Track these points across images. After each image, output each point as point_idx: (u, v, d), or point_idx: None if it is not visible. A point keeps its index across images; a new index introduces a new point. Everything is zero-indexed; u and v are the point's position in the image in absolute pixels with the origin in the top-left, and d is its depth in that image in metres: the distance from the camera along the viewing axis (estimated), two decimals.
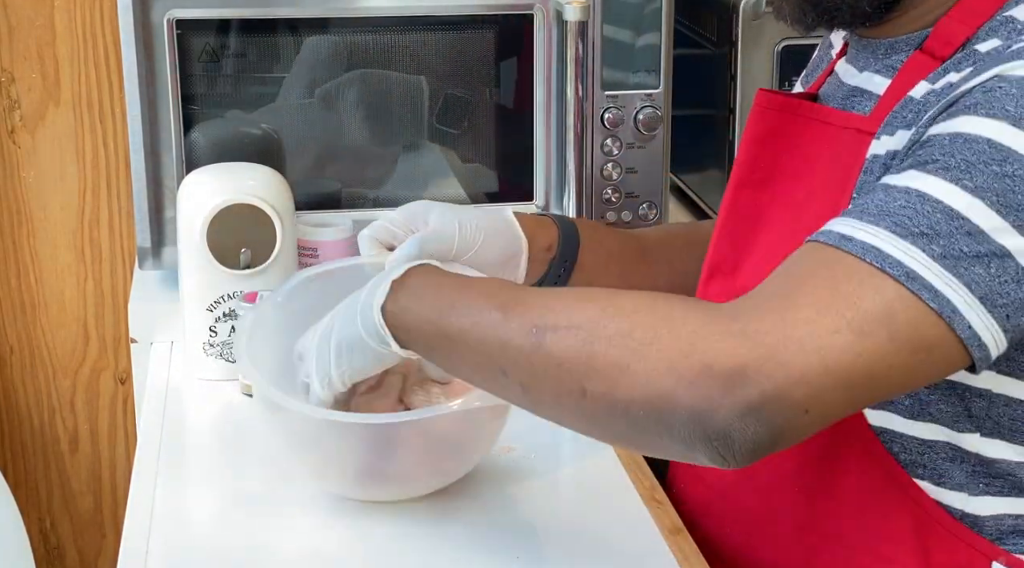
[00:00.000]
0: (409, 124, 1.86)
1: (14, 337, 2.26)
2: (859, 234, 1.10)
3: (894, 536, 1.27)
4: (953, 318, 1.07)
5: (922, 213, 1.10)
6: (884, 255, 1.08)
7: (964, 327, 1.08)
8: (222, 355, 1.64)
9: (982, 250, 1.08)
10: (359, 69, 1.82)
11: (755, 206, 1.36)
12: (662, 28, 1.84)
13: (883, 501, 1.27)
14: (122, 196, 2.21)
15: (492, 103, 1.86)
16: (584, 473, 1.49)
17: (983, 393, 1.23)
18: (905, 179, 1.13)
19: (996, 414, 1.23)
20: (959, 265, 1.08)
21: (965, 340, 1.08)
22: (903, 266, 1.08)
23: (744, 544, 1.37)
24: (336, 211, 1.81)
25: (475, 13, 1.81)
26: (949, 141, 1.12)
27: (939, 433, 1.24)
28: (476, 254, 1.39)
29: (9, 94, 2.15)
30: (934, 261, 1.08)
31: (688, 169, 2.21)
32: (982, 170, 1.10)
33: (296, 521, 1.36)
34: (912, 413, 1.25)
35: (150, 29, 1.73)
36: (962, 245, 1.08)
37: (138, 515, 1.37)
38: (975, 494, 1.26)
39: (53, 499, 2.35)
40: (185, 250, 1.63)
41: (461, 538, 1.33)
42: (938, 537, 1.26)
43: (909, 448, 1.25)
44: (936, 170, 1.11)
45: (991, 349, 1.10)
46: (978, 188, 1.09)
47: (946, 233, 1.09)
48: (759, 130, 1.37)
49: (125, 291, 2.22)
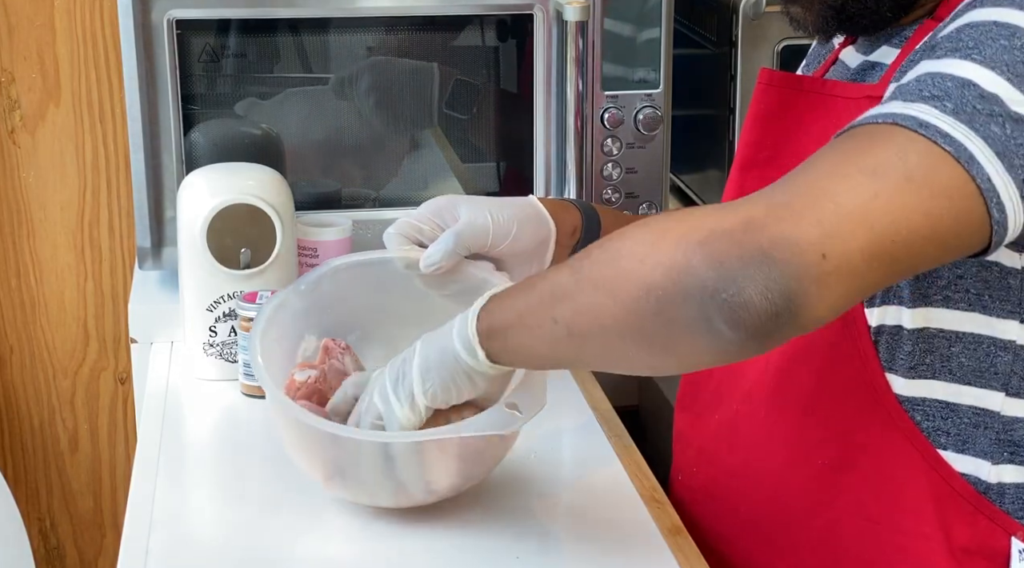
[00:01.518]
0: (414, 124, 1.86)
1: (14, 337, 2.26)
2: (870, 112, 1.10)
3: (915, 509, 1.26)
4: (971, 165, 1.05)
5: (932, 84, 1.09)
6: (895, 114, 1.07)
7: (984, 178, 1.05)
8: (222, 355, 1.64)
9: (996, 110, 1.07)
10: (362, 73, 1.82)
11: (763, 184, 1.36)
12: (662, 28, 1.84)
13: (904, 473, 1.26)
14: (122, 196, 2.21)
15: (491, 103, 1.86)
16: (584, 473, 1.49)
17: (1008, 345, 1.22)
18: (915, 71, 1.13)
19: (1021, 369, 1.23)
20: (974, 120, 1.06)
21: (985, 192, 1.05)
22: (915, 119, 1.06)
23: (757, 527, 1.37)
24: (336, 211, 1.81)
25: (475, 13, 1.81)
26: (956, 32, 1.13)
27: (963, 394, 1.24)
28: (511, 243, 1.39)
29: (9, 94, 2.15)
30: (946, 114, 1.06)
31: (688, 169, 2.21)
32: (990, 44, 1.10)
33: (295, 521, 1.35)
34: (934, 371, 1.24)
35: (150, 29, 1.73)
36: (975, 103, 1.07)
37: (138, 515, 1.37)
38: (998, 462, 1.25)
39: (53, 499, 2.35)
40: (185, 250, 1.63)
41: (461, 538, 1.33)
42: (959, 510, 1.25)
43: (932, 414, 1.25)
44: (945, 53, 1.11)
45: (1009, 212, 1.07)
46: (987, 59, 1.09)
47: (957, 96, 1.08)
48: (763, 109, 1.37)
49: (125, 291, 2.22)
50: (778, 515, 1.35)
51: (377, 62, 1.82)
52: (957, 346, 1.23)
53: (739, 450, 1.38)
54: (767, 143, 1.36)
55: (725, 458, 1.39)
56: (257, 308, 1.55)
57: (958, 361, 1.23)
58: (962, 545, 1.26)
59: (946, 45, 1.13)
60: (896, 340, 1.25)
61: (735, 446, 1.38)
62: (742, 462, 1.37)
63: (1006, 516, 1.26)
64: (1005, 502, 1.26)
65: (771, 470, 1.34)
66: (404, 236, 1.39)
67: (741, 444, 1.37)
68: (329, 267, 1.41)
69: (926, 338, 1.24)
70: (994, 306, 1.22)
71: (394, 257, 1.38)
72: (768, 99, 1.36)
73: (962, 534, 1.26)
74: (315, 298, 1.40)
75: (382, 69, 1.82)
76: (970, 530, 1.26)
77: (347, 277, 1.40)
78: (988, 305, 1.22)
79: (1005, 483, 1.26)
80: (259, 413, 1.56)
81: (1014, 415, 1.24)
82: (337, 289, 1.39)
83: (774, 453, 1.34)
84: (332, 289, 1.40)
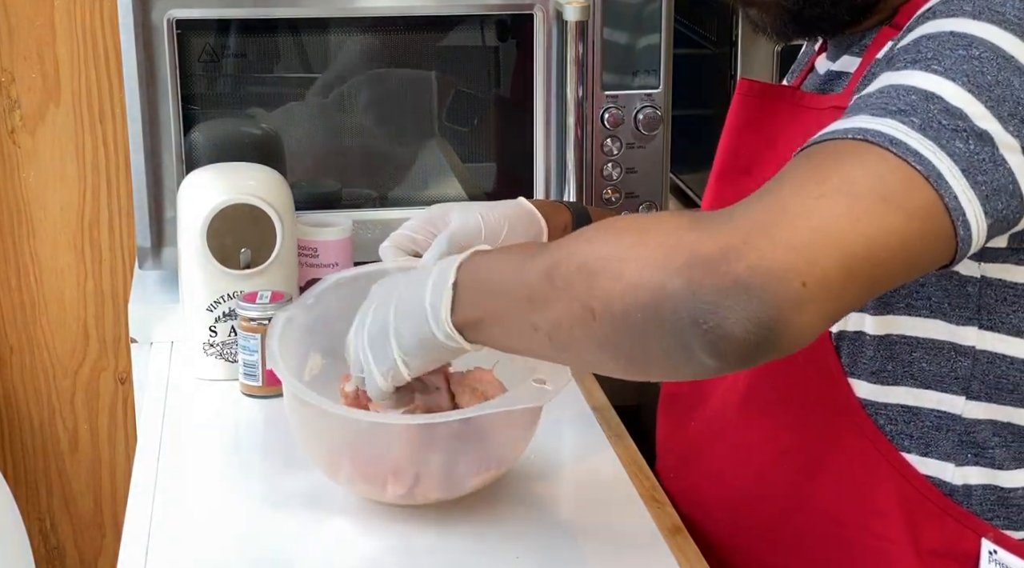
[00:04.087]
0: (414, 123, 1.86)
1: (14, 337, 2.26)
2: (838, 125, 1.09)
3: (883, 512, 1.27)
4: (940, 183, 1.05)
5: (897, 97, 1.09)
6: (864, 130, 1.07)
7: (951, 196, 1.05)
8: (222, 355, 1.64)
9: (960, 125, 1.08)
10: (362, 73, 1.82)
11: (739, 194, 1.37)
12: (662, 28, 1.84)
13: (872, 477, 1.27)
14: (122, 196, 2.21)
15: (491, 103, 1.86)
16: (584, 473, 1.49)
17: (967, 351, 1.24)
18: (876, 83, 1.14)
19: (980, 373, 1.24)
20: (940, 136, 1.07)
21: (951, 211, 1.05)
22: (884, 135, 1.06)
23: (736, 532, 1.38)
24: (336, 211, 1.81)
25: (475, 13, 1.81)
26: (913, 43, 1.14)
27: (924, 398, 1.25)
28: (504, 241, 1.40)
29: (9, 94, 2.15)
30: (914, 130, 1.06)
31: (688, 169, 2.21)
32: (948, 54, 1.10)
33: (296, 521, 1.36)
34: (896, 378, 1.25)
35: (150, 29, 1.73)
36: (940, 118, 1.07)
37: (138, 515, 1.37)
38: (962, 464, 1.26)
39: (53, 499, 2.35)
40: (185, 250, 1.63)
41: (461, 538, 1.33)
42: (927, 512, 1.26)
43: (895, 418, 1.26)
44: (905, 65, 1.12)
45: (973, 230, 1.07)
46: (947, 70, 1.10)
47: (923, 109, 1.08)
48: (741, 119, 1.38)
49: (125, 291, 2.22)
50: (752, 520, 1.36)
51: (377, 61, 1.82)
52: (918, 351, 1.24)
53: (715, 457, 1.39)
54: (744, 152, 1.37)
55: (703, 464, 1.41)
56: (257, 308, 1.56)
57: (919, 366, 1.25)
58: (931, 548, 1.27)
59: (905, 57, 1.13)
60: (858, 346, 1.26)
61: (712, 452, 1.39)
62: (718, 468, 1.39)
63: (974, 517, 1.27)
64: (972, 504, 1.27)
65: (745, 476, 1.36)
66: (399, 248, 1.41)
67: (717, 451, 1.39)
68: (329, 281, 1.42)
69: (888, 344, 1.25)
70: (954, 313, 1.23)
71: (392, 269, 1.39)
72: (744, 109, 1.38)
73: (930, 537, 1.27)
74: (319, 312, 1.41)
75: (380, 79, 1.82)
76: (938, 532, 1.27)
77: (348, 291, 1.41)
78: (948, 312, 1.23)
79: (971, 485, 1.27)
80: (259, 413, 1.56)
81: (974, 417, 1.26)
82: (338, 303, 1.40)
83: (747, 459, 1.35)
84: (334, 303, 1.40)
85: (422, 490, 1.32)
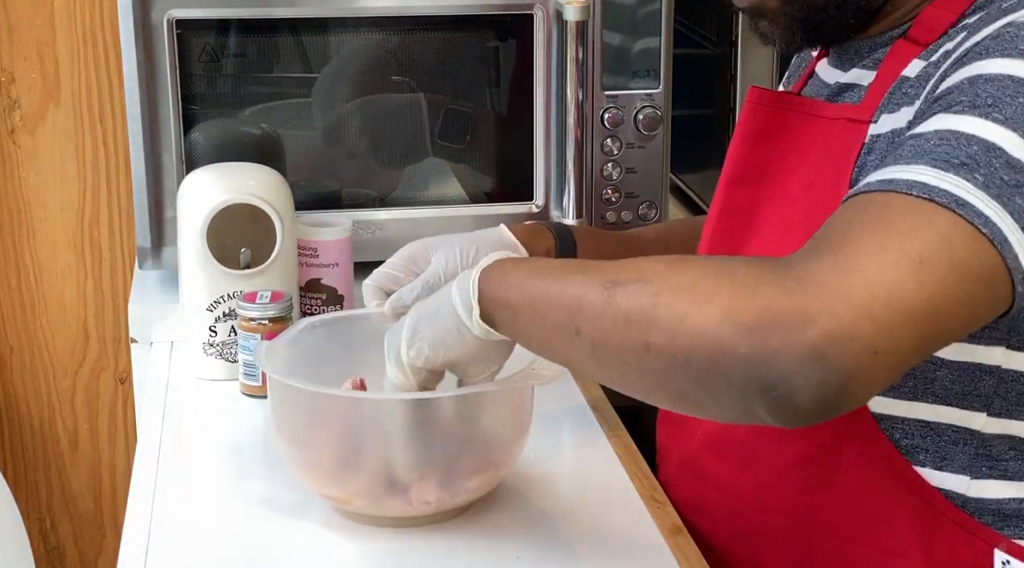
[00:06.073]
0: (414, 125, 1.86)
1: (14, 337, 2.26)
2: (900, 174, 1.09)
3: (895, 527, 1.27)
4: (1004, 246, 1.06)
5: (958, 147, 1.09)
6: (930, 188, 1.07)
7: (1012, 256, 1.07)
8: (222, 355, 1.64)
9: (1021, 180, 1.08)
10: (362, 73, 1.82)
11: (749, 203, 1.37)
12: (662, 28, 1.84)
13: (883, 492, 1.27)
14: (122, 196, 2.21)
15: (491, 103, 1.86)
16: (584, 473, 1.49)
17: (992, 370, 1.23)
18: (933, 123, 1.13)
19: (1004, 391, 1.23)
20: (1003, 194, 1.07)
21: (1012, 271, 1.07)
22: (951, 195, 1.06)
23: (739, 541, 1.37)
24: (336, 211, 1.81)
25: (475, 13, 1.81)
26: (969, 83, 1.13)
27: (944, 414, 1.24)
28: None
29: (9, 94, 2.15)
30: (979, 189, 1.07)
31: (688, 169, 2.21)
32: (1009, 103, 1.10)
33: (296, 520, 1.36)
34: (916, 394, 1.24)
35: (150, 29, 1.73)
36: (1002, 174, 1.08)
37: (138, 515, 1.37)
38: (977, 477, 1.25)
39: (53, 499, 2.35)
40: (185, 250, 1.63)
41: (461, 538, 1.33)
42: (940, 526, 1.26)
43: (911, 432, 1.25)
44: (963, 109, 1.11)
45: None
46: (1008, 119, 1.09)
47: (985, 163, 1.08)
48: (752, 127, 1.38)
49: (125, 291, 2.22)
50: (758, 531, 1.35)
51: (377, 61, 1.82)
52: (943, 370, 1.24)
53: (721, 466, 1.38)
54: (755, 161, 1.37)
55: (708, 473, 1.40)
56: (257, 308, 1.56)
57: (942, 384, 1.24)
58: (942, 560, 1.26)
59: (963, 99, 1.12)
60: None
61: (718, 462, 1.38)
62: (724, 478, 1.38)
63: (987, 529, 1.26)
64: (985, 515, 1.26)
65: (752, 486, 1.35)
66: (380, 287, 1.41)
67: (723, 460, 1.38)
68: (303, 325, 1.43)
69: None
70: (982, 334, 1.22)
71: (370, 314, 1.41)
72: (754, 117, 1.38)
73: (943, 549, 1.26)
74: (297, 351, 1.41)
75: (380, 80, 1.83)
76: (951, 544, 1.26)
77: (323, 334, 1.44)
78: (976, 334, 1.22)
79: (985, 497, 1.26)
80: (259, 413, 1.56)
81: (994, 433, 1.25)
82: (315, 345, 1.42)
83: (753, 470, 1.34)
84: (311, 345, 1.42)
85: (421, 491, 1.32)
